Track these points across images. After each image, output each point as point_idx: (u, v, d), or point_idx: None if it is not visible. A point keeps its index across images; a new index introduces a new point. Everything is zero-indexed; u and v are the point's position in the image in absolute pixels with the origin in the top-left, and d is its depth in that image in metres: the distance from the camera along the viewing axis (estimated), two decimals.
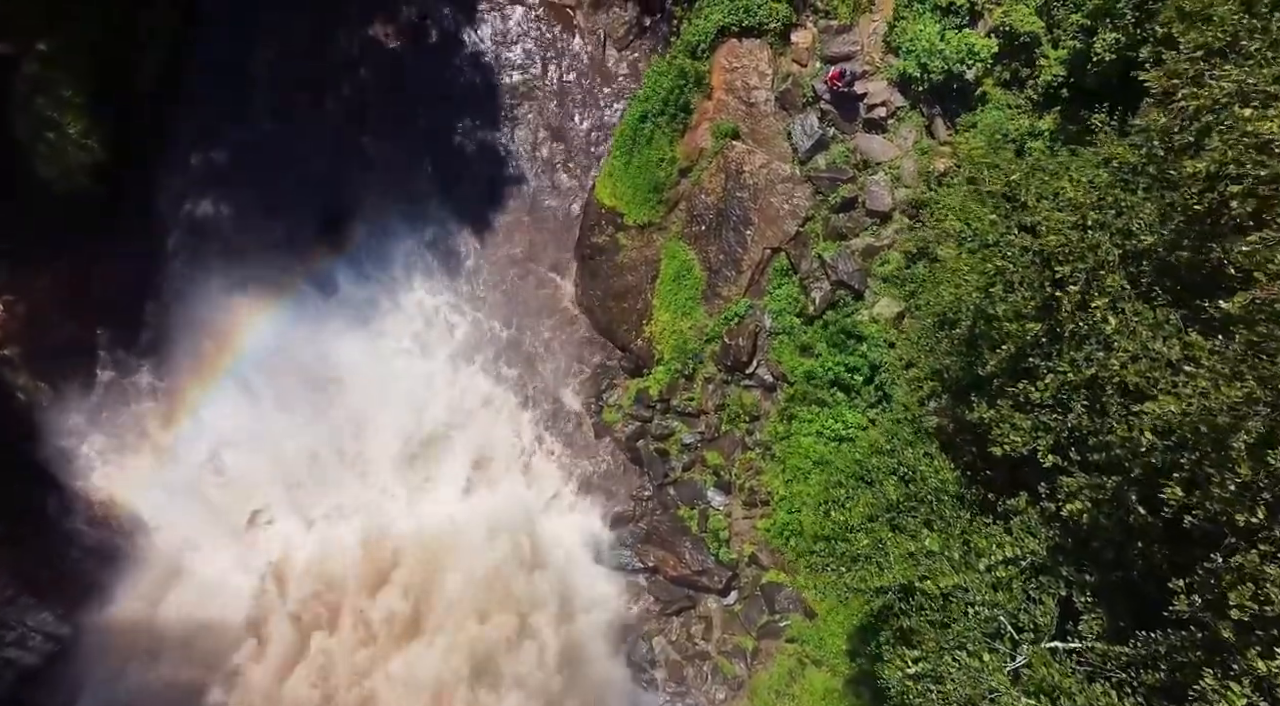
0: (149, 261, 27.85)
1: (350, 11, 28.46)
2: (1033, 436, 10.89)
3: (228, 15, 27.82)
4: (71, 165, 24.18)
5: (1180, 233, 9.44)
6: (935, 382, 14.16)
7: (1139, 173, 10.12)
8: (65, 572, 26.01)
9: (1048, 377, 10.57)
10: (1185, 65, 10.36)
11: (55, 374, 27.14)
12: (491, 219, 28.53)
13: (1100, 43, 16.93)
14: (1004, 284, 11.05)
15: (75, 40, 23.45)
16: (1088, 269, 10.06)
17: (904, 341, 15.50)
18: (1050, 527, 10.75)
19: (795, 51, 25.02)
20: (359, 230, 28.38)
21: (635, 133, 26.20)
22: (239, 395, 27.51)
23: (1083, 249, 10.10)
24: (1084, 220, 10.17)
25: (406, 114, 28.41)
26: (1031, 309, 10.76)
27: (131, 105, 26.44)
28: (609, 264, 27.34)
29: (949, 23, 22.39)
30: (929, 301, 13.88)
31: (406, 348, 28.26)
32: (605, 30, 28.18)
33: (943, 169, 19.89)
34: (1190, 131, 9.26)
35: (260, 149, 28.05)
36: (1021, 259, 10.98)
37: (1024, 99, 22.03)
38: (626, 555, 27.23)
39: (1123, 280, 9.82)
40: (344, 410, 27.81)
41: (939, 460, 13.93)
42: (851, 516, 15.04)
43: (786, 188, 24.79)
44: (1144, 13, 16.23)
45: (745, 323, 25.19)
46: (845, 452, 20.64)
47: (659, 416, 26.84)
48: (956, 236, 12.07)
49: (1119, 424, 9.17)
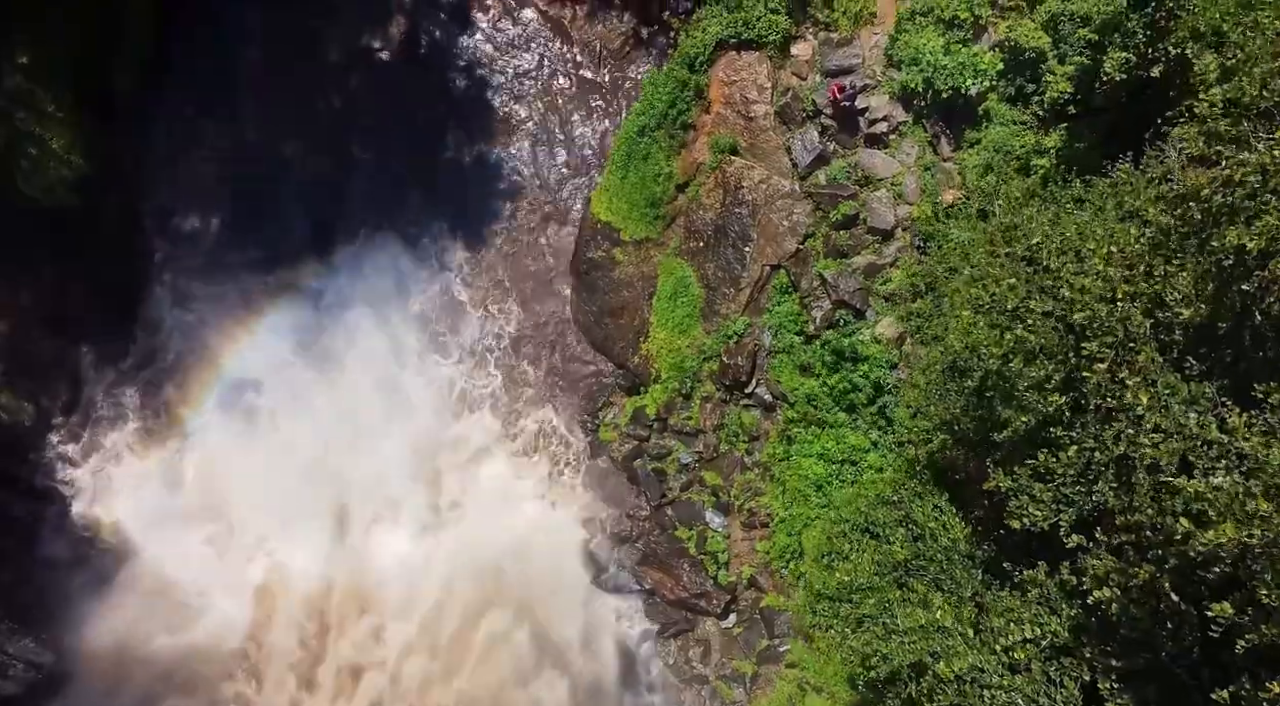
0: (134, 275, 27.29)
1: (340, 19, 27.86)
2: (1054, 511, 10.33)
3: (213, 22, 27.22)
4: (54, 180, 23.54)
5: (1220, 303, 8.86)
6: (946, 436, 13.59)
7: (1171, 234, 9.54)
8: (48, 596, 25.40)
9: (1071, 450, 10.03)
10: (1226, 127, 9.69)
11: (38, 392, 26.56)
12: (484, 232, 27.97)
13: (1110, 62, 16.47)
14: (1024, 355, 10.46)
15: (56, 52, 22.82)
16: (1117, 342, 9.51)
17: (911, 389, 14.90)
18: (1072, 604, 10.17)
19: (795, 64, 24.53)
20: (347, 243, 27.80)
21: (632, 147, 25.68)
22: (227, 413, 26.97)
23: (1112, 322, 9.55)
24: (1114, 293, 9.62)
25: (397, 124, 27.83)
26: (1055, 382, 10.20)
27: (114, 116, 25.85)
28: (605, 279, 26.82)
29: (952, 37, 21.91)
30: (941, 350, 13.29)
31: (397, 365, 27.68)
32: (601, 41, 27.65)
33: (950, 201, 19.43)
34: (1235, 198, 8.69)
35: (246, 159, 27.50)
36: (1044, 325, 10.40)
37: (1029, 115, 21.55)
38: (624, 576, 26.73)
39: (1154, 352, 9.26)
40: (335, 429, 27.21)
41: (949, 515, 13.35)
42: (857, 573, 14.45)
43: (786, 204, 24.30)
44: (1156, 31, 15.78)
45: (744, 341, 24.70)
46: (849, 496, 20.08)
47: (656, 435, 26.35)
48: (973, 303, 11.45)
49: (1150, 505, 8.61)
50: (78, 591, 25.69)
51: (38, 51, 22.37)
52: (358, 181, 27.79)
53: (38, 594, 25.25)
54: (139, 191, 27.01)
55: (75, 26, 23.23)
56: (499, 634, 26.71)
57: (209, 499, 27.06)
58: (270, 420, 27.05)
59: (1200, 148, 9.65)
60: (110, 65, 24.93)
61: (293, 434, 27.03)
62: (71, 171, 23.78)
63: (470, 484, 27.67)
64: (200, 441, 27.15)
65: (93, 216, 26.06)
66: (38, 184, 23.41)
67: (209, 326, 27.47)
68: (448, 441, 27.75)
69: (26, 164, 23.18)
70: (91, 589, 25.82)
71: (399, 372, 27.65)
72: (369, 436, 27.16)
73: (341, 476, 27.09)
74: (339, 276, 27.52)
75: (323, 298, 27.43)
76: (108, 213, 26.36)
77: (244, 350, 27.38)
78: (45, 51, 22.60)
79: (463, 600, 26.85)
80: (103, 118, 25.33)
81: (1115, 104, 18.55)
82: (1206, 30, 14.33)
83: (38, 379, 26.44)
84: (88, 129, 24.41)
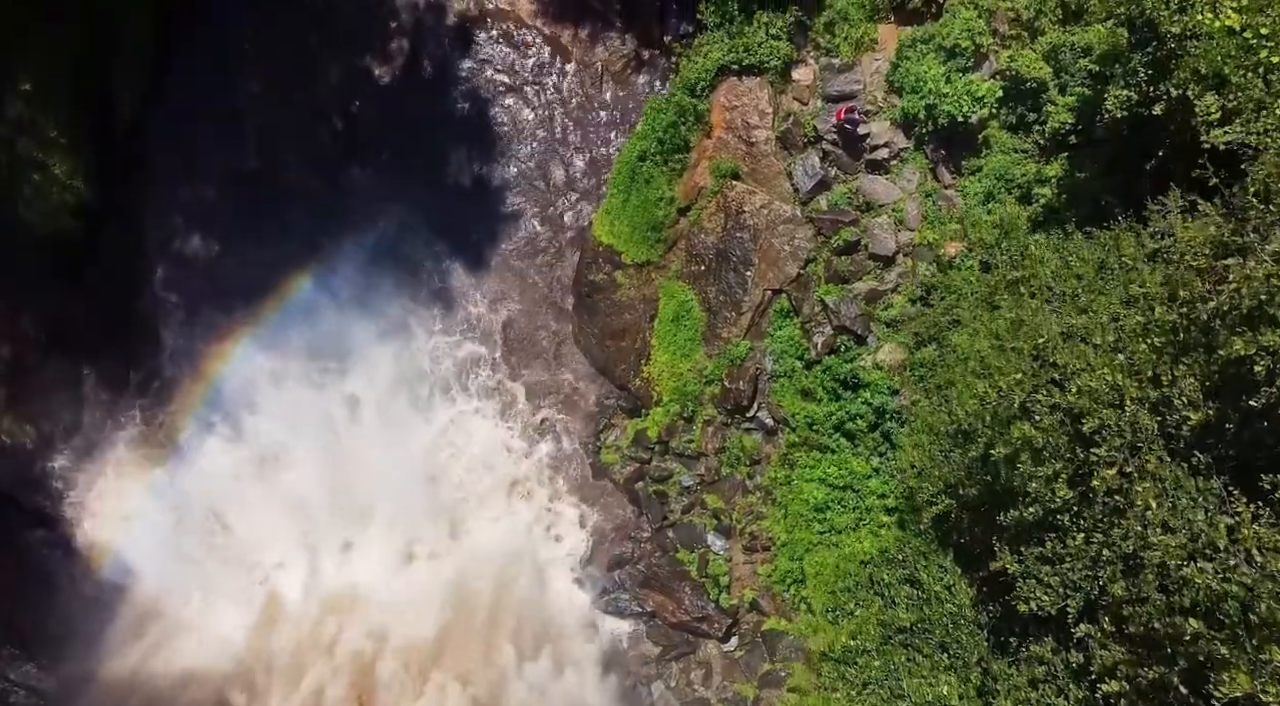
0: (135, 297, 27.29)
1: (339, 42, 27.89)
2: (1062, 596, 10.31)
3: (214, 45, 27.23)
4: (56, 206, 23.60)
5: (1227, 410, 8.84)
6: (950, 500, 13.57)
7: (1177, 332, 9.48)
8: (49, 621, 25.37)
9: (1079, 538, 10.01)
10: (1230, 234, 9.57)
11: (39, 416, 26.53)
12: (485, 253, 28.00)
13: (1112, 99, 16.54)
14: (1031, 453, 10.43)
15: (58, 79, 22.85)
16: (1125, 444, 9.50)
17: (914, 448, 14.87)
18: (1080, 685, 10.13)
19: (796, 89, 24.60)
20: (349, 265, 27.80)
21: (633, 171, 25.72)
22: (230, 437, 26.95)
23: (1121, 425, 9.53)
24: (1122, 399, 9.61)
25: (398, 145, 27.85)
26: (1063, 478, 10.19)
27: (115, 140, 25.87)
28: (606, 302, 26.85)
29: (954, 65, 21.98)
30: (946, 417, 13.24)
31: (396, 386, 27.66)
32: (603, 63, 27.70)
33: (953, 253, 19.48)
34: (1242, 307, 8.65)
35: (248, 181, 27.51)
36: (1050, 418, 10.35)
37: (1030, 143, 21.62)
38: (624, 598, 26.75)
39: (1162, 451, 9.26)
40: (334, 452, 27.21)
41: (954, 577, 13.31)
42: (863, 636, 14.41)
43: (788, 229, 24.36)
44: (1158, 70, 15.85)
45: (745, 365, 24.74)
46: (851, 553, 20.11)
47: (658, 458, 26.37)
48: (980, 399, 11.37)
49: (1159, 601, 8.58)
50: (78, 615, 25.66)
51: (40, 78, 22.40)
52: (359, 203, 27.80)
53: (38, 618, 25.22)
54: (140, 213, 26.99)
55: (77, 53, 23.24)
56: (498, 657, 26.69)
57: (208, 521, 27.06)
58: (269, 442, 27.02)
59: (1206, 259, 9.62)
60: (112, 89, 24.97)
61: (291, 456, 27.04)
62: (73, 197, 23.89)
63: (468, 506, 27.67)
64: (200, 463, 27.09)
65: (94, 239, 26.12)
66: (40, 210, 23.48)
67: (210, 347, 27.46)
68: (445, 463, 27.75)
69: (29, 190, 23.25)
70: (92, 613, 25.78)
71: (397, 394, 27.64)
72: (367, 459, 27.14)
73: (340, 500, 27.09)
74: (340, 299, 27.48)
75: (323, 320, 27.40)
76: (109, 235, 26.40)
77: (244, 371, 27.35)
78: (47, 78, 22.63)
79: (463, 625, 26.82)
80: (104, 141, 25.36)
81: (1116, 136, 18.61)
82: (1208, 72, 14.40)
83: (38, 401, 26.42)
84: (89, 153, 24.47)
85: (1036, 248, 14.66)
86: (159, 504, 26.91)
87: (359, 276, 27.70)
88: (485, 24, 28.03)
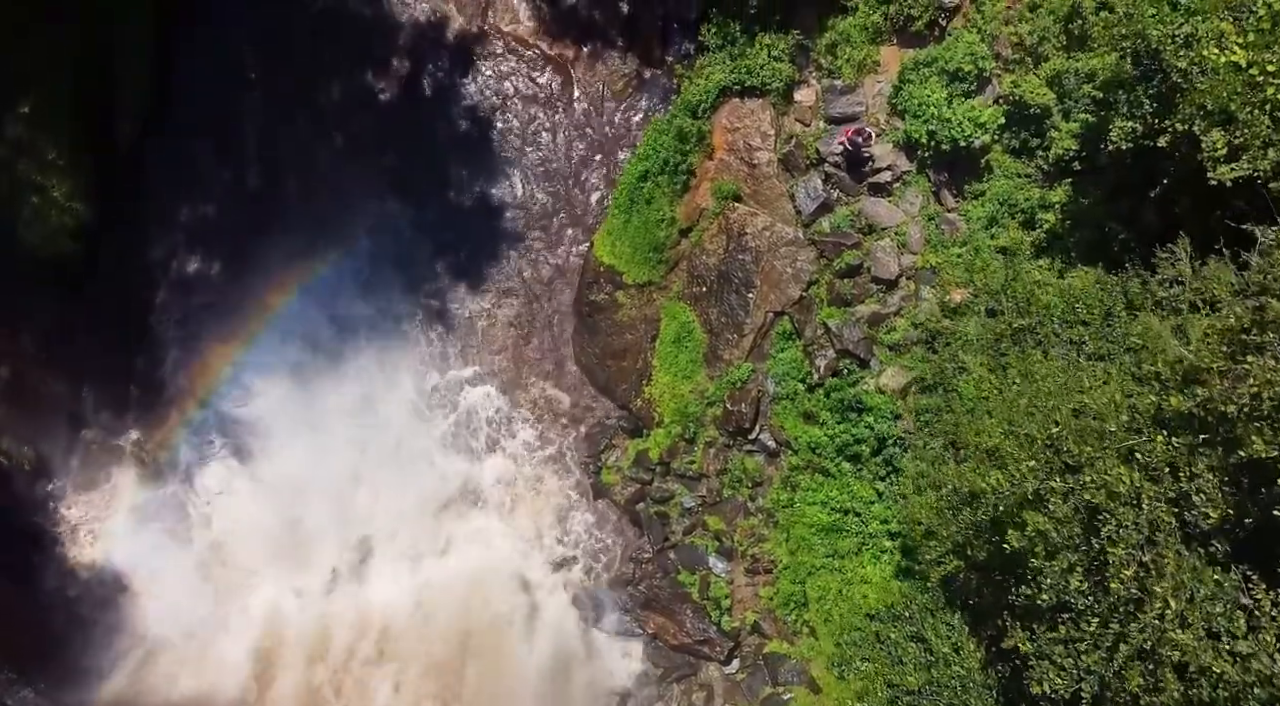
0: (135, 317, 27.15)
1: (342, 59, 27.79)
2: (1076, 679, 10.13)
3: (212, 64, 27.11)
4: (55, 228, 23.50)
5: (1246, 508, 8.68)
6: (959, 561, 13.40)
7: (1195, 422, 9.29)
8: (47, 644, 25.22)
9: (1094, 622, 9.83)
10: (1252, 334, 9.24)
11: (37, 436, 26.40)
12: (487, 273, 27.88)
13: (1117, 130, 16.46)
14: (1046, 547, 10.24)
15: (58, 100, 22.76)
16: (1143, 539, 9.32)
17: (921, 508, 14.71)
18: None
19: (799, 110, 24.53)
20: (349, 283, 27.68)
21: (634, 191, 25.65)
22: (229, 457, 26.85)
23: (1139, 523, 9.35)
24: (1139, 497, 9.44)
25: (398, 163, 27.75)
26: (1078, 571, 10.00)
27: (114, 160, 25.76)
28: (608, 322, 26.76)
29: (956, 89, 21.92)
30: (953, 480, 13.05)
31: (395, 406, 27.53)
32: (604, 82, 27.60)
33: (959, 300, 19.39)
34: (1264, 408, 8.45)
35: (247, 200, 27.41)
36: (1064, 507, 10.14)
37: (1033, 168, 21.56)
38: (625, 620, 26.64)
39: (1180, 544, 9.10)
40: (337, 472, 27.10)
41: (961, 637, 13.11)
42: (870, 697, 14.20)
43: (790, 251, 24.28)
44: (1163, 103, 15.77)
45: (747, 387, 24.65)
46: (860, 600, 19.99)
47: (659, 479, 26.27)
48: (993, 489, 11.19)
49: (1177, 689, 8.40)
50: (77, 638, 25.52)
51: (40, 100, 22.31)
52: (358, 221, 27.68)
53: (36, 642, 25.07)
54: (141, 233, 26.86)
55: (77, 74, 23.14)
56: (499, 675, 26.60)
57: (208, 540, 26.95)
58: (268, 461, 26.91)
59: (1222, 358, 9.44)
60: (112, 110, 24.86)
61: (291, 475, 26.90)
62: (73, 219, 23.82)
63: (466, 525, 27.57)
64: (200, 483, 27.02)
65: (94, 259, 25.99)
66: (39, 232, 23.38)
67: (209, 367, 27.37)
68: (444, 480, 27.63)
69: (28, 212, 23.13)
70: (91, 635, 25.64)
71: (397, 413, 27.52)
72: (366, 477, 27.08)
73: (340, 520, 26.97)
74: (339, 317, 27.38)
75: (324, 339, 27.29)
76: (109, 255, 26.26)
77: (243, 391, 27.24)
78: (47, 100, 22.54)
79: (460, 645, 26.73)
80: (105, 162, 25.26)
81: (1120, 163, 18.52)
82: (1215, 108, 14.34)
83: (37, 422, 26.29)
84: (90, 174, 24.38)
85: (1042, 291, 14.49)
86: (158, 524, 26.78)
87: (358, 294, 27.59)
88: (486, 42, 27.94)
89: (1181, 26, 14.79)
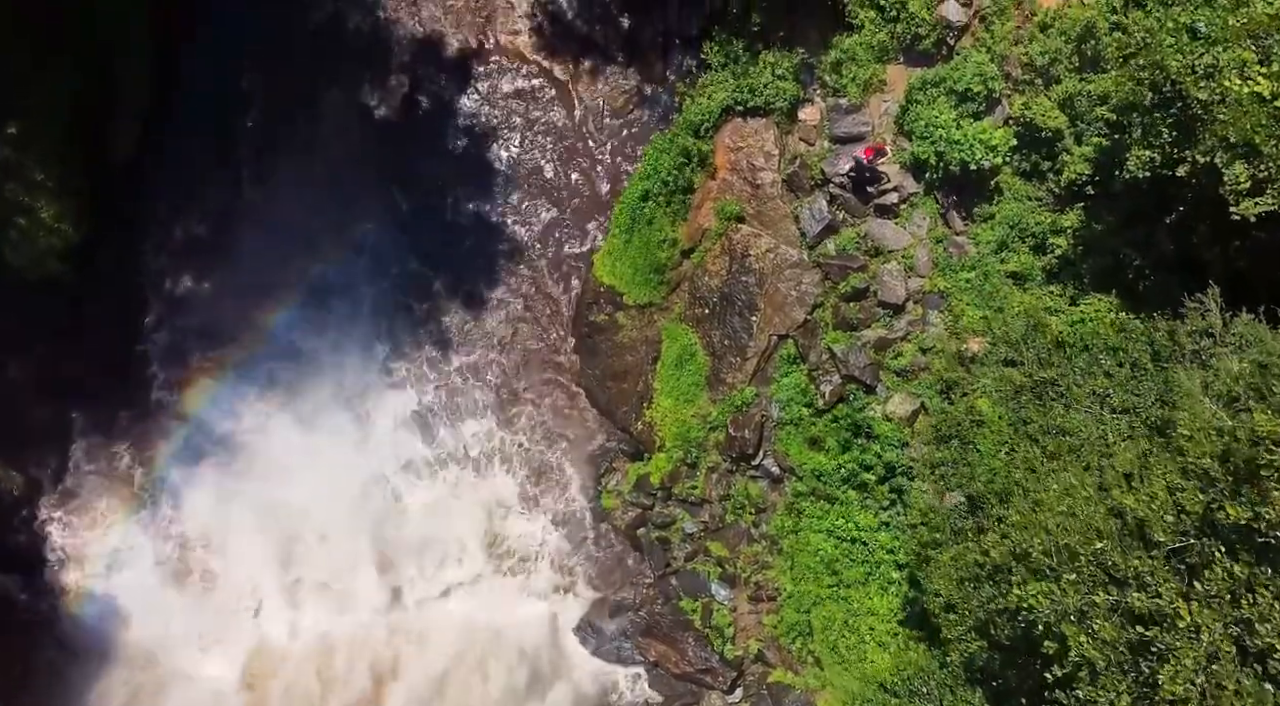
0: (127, 339, 26.69)
1: (340, 78, 27.32)
2: None
3: (211, 83, 26.66)
4: (43, 250, 22.99)
5: None
6: (981, 641, 12.82)
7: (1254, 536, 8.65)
8: (37, 673, 24.75)
9: None
10: None
11: (27, 461, 25.95)
12: (485, 293, 27.42)
13: (1134, 159, 15.91)
14: (1090, 672, 9.59)
15: (49, 121, 22.27)
16: (1200, 668, 8.65)
17: (940, 579, 14.16)
18: None
19: (803, 129, 24.02)
20: (346, 304, 27.22)
21: (635, 212, 25.14)
22: (223, 481, 26.33)
23: (1197, 655, 8.65)
24: (1198, 628, 8.77)
25: (396, 183, 27.35)
26: (1125, 700, 9.36)
27: (107, 180, 25.28)
28: (608, 343, 26.27)
29: (965, 110, 21.37)
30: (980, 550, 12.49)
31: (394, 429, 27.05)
32: (604, 99, 27.10)
33: (976, 349, 18.87)
34: None
35: (243, 219, 26.98)
36: (1108, 624, 9.42)
37: (1044, 191, 21.00)
38: (627, 647, 26.16)
39: (1240, 672, 8.42)
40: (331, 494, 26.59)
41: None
42: None
43: (794, 273, 23.77)
44: (1182, 132, 15.25)
45: (751, 412, 24.13)
46: (868, 633, 19.50)
47: (660, 504, 25.76)
48: (1028, 607, 10.58)
49: None
50: (67, 666, 25.04)
51: (29, 122, 21.81)
52: (356, 239, 27.23)
53: (25, 669, 24.58)
54: (134, 254, 26.46)
55: (69, 94, 22.64)
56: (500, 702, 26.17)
57: (199, 564, 26.47)
58: (268, 487, 26.40)
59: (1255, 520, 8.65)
60: (106, 129, 24.37)
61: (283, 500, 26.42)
62: (61, 241, 23.32)
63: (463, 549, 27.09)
64: (191, 507, 26.51)
65: (86, 280, 25.49)
66: (26, 254, 22.88)
67: (200, 389, 26.89)
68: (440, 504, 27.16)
69: (15, 234, 22.62)
70: (81, 663, 25.17)
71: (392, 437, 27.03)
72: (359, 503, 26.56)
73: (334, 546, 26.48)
74: (334, 339, 26.90)
75: (317, 362, 26.80)
76: (102, 276, 25.79)
77: (236, 414, 26.77)
78: (36, 121, 22.05)
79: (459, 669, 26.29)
80: (98, 182, 24.80)
81: (1135, 189, 17.97)
82: (1237, 140, 13.82)
83: (27, 447, 25.85)
84: (81, 194, 23.89)
85: (1066, 345, 13.92)
86: (147, 548, 26.31)
87: (355, 314, 27.14)
88: (486, 57, 27.49)
89: (1202, 57, 14.27)
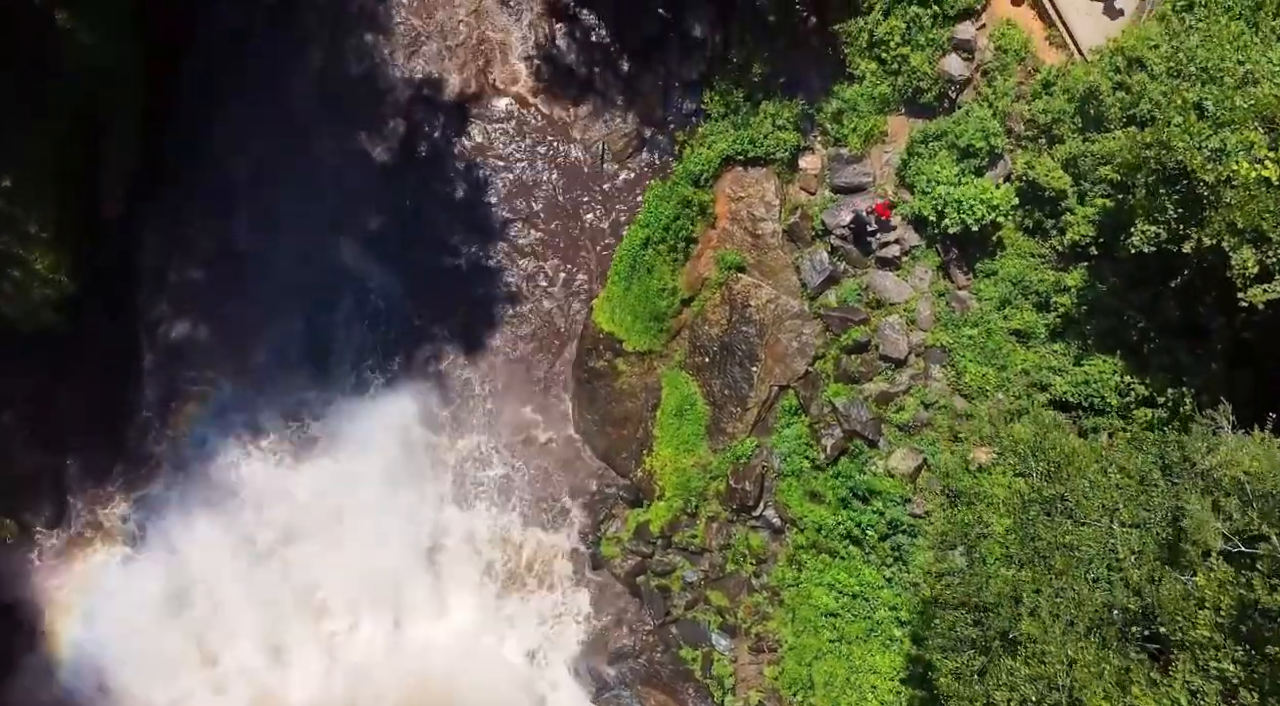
0: (122, 386, 26.45)
1: (336, 121, 27.04)
2: None
3: (205, 130, 26.42)
4: (38, 302, 22.76)
5: None
6: None
7: None
8: None
9: None
10: None
11: (21, 507, 25.71)
12: (485, 339, 27.18)
13: (1139, 235, 15.81)
14: None
15: (41, 174, 22.05)
16: None
17: (949, 681, 14.01)
18: None
19: (804, 178, 23.91)
20: (340, 353, 26.97)
21: (635, 258, 24.99)
22: (218, 529, 26.07)
23: None
24: None
25: (393, 228, 27.02)
26: None
27: (103, 230, 25.06)
28: (607, 389, 26.09)
29: (967, 165, 21.27)
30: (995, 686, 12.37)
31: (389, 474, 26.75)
32: (604, 142, 26.91)
33: (984, 460, 18.76)
34: None
35: (240, 265, 26.70)
36: None
37: (1048, 249, 20.92)
38: (626, 696, 25.95)
39: None
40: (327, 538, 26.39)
41: None
42: None
43: (795, 324, 23.64)
44: (1188, 209, 15.14)
45: (752, 463, 23.97)
46: (870, 692, 19.36)
47: (660, 551, 25.58)
48: None
49: None
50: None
51: (21, 174, 21.59)
52: (351, 287, 26.96)
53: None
54: (129, 301, 26.24)
55: (61, 146, 22.43)
56: None
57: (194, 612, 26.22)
58: (265, 535, 26.21)
59: None
60: (98, 180, 24.16)
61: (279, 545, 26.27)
62: (56, 291, 23.04)
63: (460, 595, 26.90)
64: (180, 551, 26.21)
65: (81, 328, 25.20)
66: (22, 307, 22.63)
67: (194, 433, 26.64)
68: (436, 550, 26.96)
69: (9, 287, 22.39)
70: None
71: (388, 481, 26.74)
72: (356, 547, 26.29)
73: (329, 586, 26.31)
74: (331, 385, 26.68)
75: (314, 408, 26.59)
76: (96, 324, 25.53)
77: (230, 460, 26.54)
78: (30, 174, 21.83)
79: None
80: (92, 232, 24.58)
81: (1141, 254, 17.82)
82: (1245, 226, 13.71)
83: (21, 494, 25.61)
84: (75, 245, 23.65)
85: (1076, 456, 13.77)
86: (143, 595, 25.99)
87: (350, 360, 26.89)
88: (484, 102, 27.21)
89: (1209, 139, 14.15)
